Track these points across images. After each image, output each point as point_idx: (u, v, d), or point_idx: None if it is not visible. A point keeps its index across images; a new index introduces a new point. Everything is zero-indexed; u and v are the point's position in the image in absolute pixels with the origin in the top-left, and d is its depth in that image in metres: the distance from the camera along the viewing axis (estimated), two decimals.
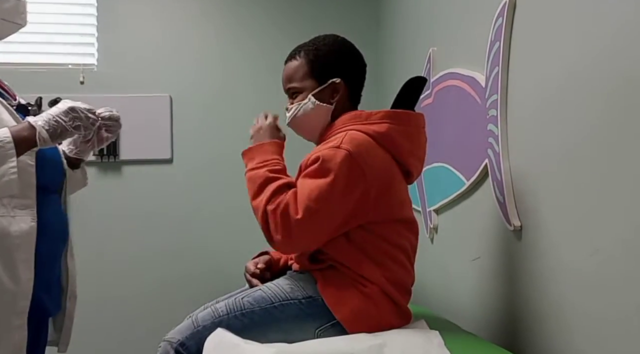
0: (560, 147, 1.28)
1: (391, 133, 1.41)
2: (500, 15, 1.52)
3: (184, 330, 1.37)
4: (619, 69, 1.08)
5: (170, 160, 2.91)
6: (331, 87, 1.50)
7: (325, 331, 1.36)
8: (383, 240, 1.40)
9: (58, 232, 1.56)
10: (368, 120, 1.43)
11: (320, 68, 1.50)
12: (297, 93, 1.53)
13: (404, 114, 1.46)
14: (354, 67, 1.55)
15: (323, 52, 1.52)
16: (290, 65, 1.55)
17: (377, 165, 1.37)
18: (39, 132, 1.32)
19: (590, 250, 1.17)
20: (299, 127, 1.55)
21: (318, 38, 1.56)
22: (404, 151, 1.44)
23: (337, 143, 1.35)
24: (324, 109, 1.50)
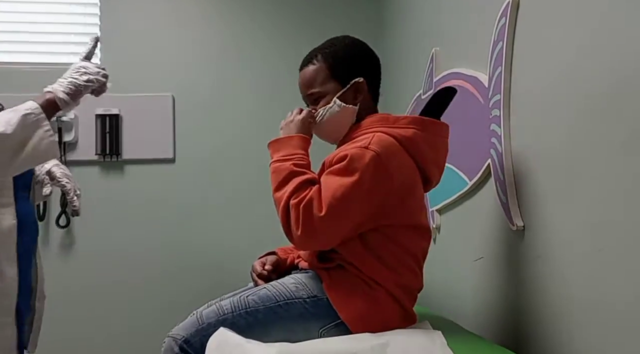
0: (563, 147, 1.28)
1: (416, 139, 1.41)
2: (504, 15, 1.51)
3: (189, 327, 1.37)
4: (622, 69, 1.08)
5: (172, 160, 2.91)
6: (354, 87, 1.49)
7: (329, 331, 1.36)
8: (397, 244, 1.40)
9: (30, 230, 1.56)
10: (395, 124, 1.43)
11: (341, 69, 1.50)
12: (319, 98, 1.51)
13: (431, 122, 1.45)
14: (372, 65, 1.55)
15: (342, 53, 1.51)
16: (308, 70, 1.53)
17: (403, 169, 1.37)
18: (57, 94, 1.37)
19: (593, 250, 1.17)
20: (325, 131, 1.53)
21: (332, 40, 1.56)
22: (426, 158, 1.44)
23: (365, 143, 1.34)
24: (350, 111, 1.49)
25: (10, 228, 1.41)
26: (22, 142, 1.31)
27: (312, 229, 1.30)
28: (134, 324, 2.82)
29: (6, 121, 1.30)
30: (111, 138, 2.82)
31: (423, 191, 1.48)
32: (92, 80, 1.44)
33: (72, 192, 1.67)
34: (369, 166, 1.32)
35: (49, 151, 1.36)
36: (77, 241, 2.83)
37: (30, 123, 1.32)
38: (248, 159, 2.95)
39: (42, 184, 1.64)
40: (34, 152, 1.32)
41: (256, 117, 2.96)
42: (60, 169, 1.68)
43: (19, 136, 1.30)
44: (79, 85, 1.41)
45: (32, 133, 1.32)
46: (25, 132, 1.31)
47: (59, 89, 1.39)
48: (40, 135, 1.33)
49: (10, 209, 1.43)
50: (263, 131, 2.96)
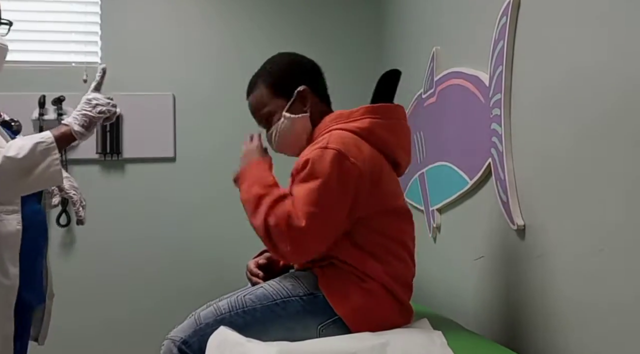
0: (564, 146, 1.28)
1: (373, 127, 1.44)
2: (505, 14, 1.51)
3: (187, 328, 1.38)
4: (623, 68, 1.08)
5: (173, 158, 2.91)
6: (299, 96, 1.53)
7: (327, 327, 1.37)
8: (381, 234, 1.41)
9: (39, 230, 1.65)
10: (350, 118, 1.46)
11: (281, 85, 1.54)
12: (269, 117, 1.56)
13: (384, 108, 1.48)
14: (309, 71, 1.59)
15: (276, 70, 1.57)
16: (252, 96, 1.59)
17: (366, 159, 1.39)
18: (72, 127, 1.51)
19: (594, 250, 1.16)
20: (286, 146, 1.58)
21: (265, 63, 1.62)
22: (388, 143, 1.46)
23: (323, 144, 1.37)
24: (302, 120, 1.53)
25: (15, 233, 1.51)
26: (31, 167, 1.43)
27: (299, 241, 1.31)
28: (135, 322, 2.82)
29: (20, 146, 1.43)
30: (112, 137, 2.81)
31: (394, 176, 1.50)
32: (104, 111, 1.56)
33: (78, 203, 1.79)
34: (333, 164, 1.33)
35: (54, 178, 1.48)
36: (78, 240, 2.83)
37: (40, 150, 1.45)
38: None
39: (52, 195, 1.76)
40: (40, 177, 1.45)
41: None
42: (68, 182, 1.79)
43: (28, 161, 1.43)
44: (93, 117, 1.54)
45: (42, 160, 1.45)
46: (35, 158, 1.44)
47: (74, 123, 1.52)
48: (48, 162, 1.45)
49: (16, 216, 1.52)
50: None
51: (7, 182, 1.43)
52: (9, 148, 1.43)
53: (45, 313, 1.73)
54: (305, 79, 1.55)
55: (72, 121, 1.53)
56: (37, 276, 1.65)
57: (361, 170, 1.36)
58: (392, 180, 1.47)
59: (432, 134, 2.12)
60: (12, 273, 1.50)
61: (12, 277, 1.50)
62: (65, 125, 1.53)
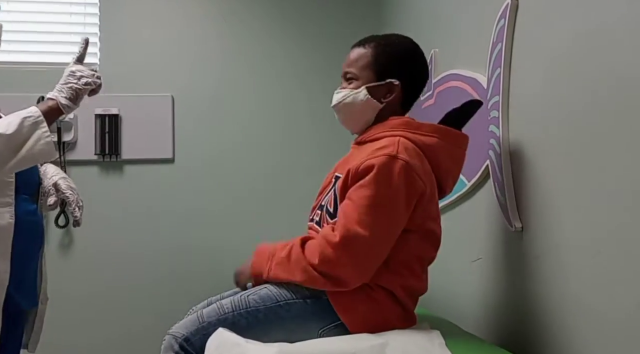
0: (561, 148, 1.29)
1: (437, 148, 1.42)
2: (503, 17, 1.52)
3: (189, 325, 1.37)
4: (621, 71, 1.09)
5: (172, 160, 2.91)
6: (387, 86, 1.49)
7: (329, 331, 1.36)
8: (408, 250, 1.40)
9: (33, 231, 1.61)
10: (418, 130, 1.43)
11: (383, 64, 1.49)
12: (352, 79, 1.52)
13: (453, 133, 1.47)
14: (417, 75, 1.54)
15: (392, 50, 1.51)
16: (356, 50, 1.54)
17: (427, 175, 1.39)
18: (59, 100, 1.47)
19: (592, 251, 1.17)
20: (343, 113, 1.54)
21: (393, 35, 1.56)
22: (444, 167, 1.45)
23: (391, 151, 1.34)
24: (372, 105, 1.49)
25: (6, 227, 1.47)
26: (21, 142, 1.40)
27: (360, 256, 1.30)
28: (133, 324, 2.81)
29: (7, 123, 1.39)
30: (110, 138, 2.81)
31: (437, 200, 1.49)
32: (90, 83, 1.51)
33: (75, 204, 1.74)
34: (400, 176, 1.32)
35: (46, 151, 1.44)
36: (76, 241, 2.83)
37: (28, 125, 1.41)
38: (247, 159, 2.95)
39: (48, 195, 1.72)
40: (31, 151, 1.41)
41: (256, 117, 2.96)
42: (66, 182, 1.75)
43: (17, 136, 1.39)
44: (79, 89, 1.49)
45: (30, 134, 1.41)
46: (24, 133, 1.40)
47: (61, 96, 1.47)
48: (38, 135, 1.42)
49: (9, 209, 1.48)
50: (263, 131, 2.98)
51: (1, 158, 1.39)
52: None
53: (37, 318, 1.68)
54: (406, 78, 1.51)
55: (57, 95, 1.48)
56: (28, 277, 1.61)
57: (425, 186, 1.36)
58: (437, 204, 1.47)
59: None
60: (2, 268, 1.46)
61: (0, 272, 1.46)
62: (51, 99, 1.48)
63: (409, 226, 1.38)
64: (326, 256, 1.30)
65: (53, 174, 1.74)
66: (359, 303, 1.36)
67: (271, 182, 2.94)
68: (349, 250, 1.30)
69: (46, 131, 1.43)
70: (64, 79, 1.51)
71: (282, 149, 2.92)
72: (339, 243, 1.29)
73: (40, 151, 1.42)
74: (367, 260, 1.32)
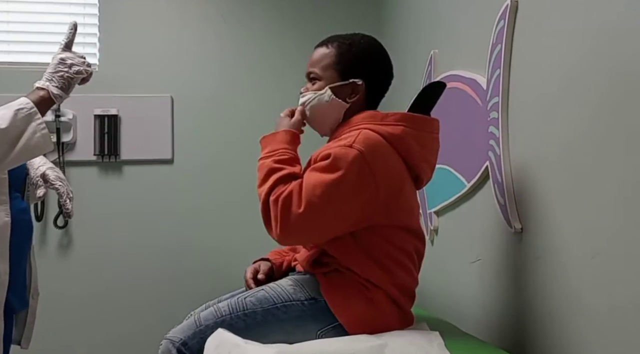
0: (561, 149, 1.28)
1: (405, 136, 1.39)
2: (502, 18, 1.52)
3: (186, 329, 1.36)
4: (621, 73, 1.09)
5: (171, 160, 2.91)
6: (351, 86, 1.48)
7: (327, 333, 1.36)
8: (390, 244, 1.39)
9: (24, 229, 1.58)
10: (383, 121, 1.41)
11: (346, 63, 1.48)
12: (315, 79, 1.51)
13: (420, 119, 1.44)
14: (381, 74, 1.53)
15: (355, 49, 1.49)
16: (319, 50, 1.52)
17: (389, 168, 1.36)
18: (50, 90, 1.40)
19: (591, 252, 1.17)
20: (311, 115, 1.53)
21: (356, 35, 1.54)
22: (416, 155, 1.42)
23: (349, 142, 1.33)
24: (337, 105, 1.48)
25: (3, 226, 1.44)
26: (17, 136, 1.34)
27: (290, 225, 1.30)
28: (131, 325, 2.81)
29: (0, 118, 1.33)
30: (110, 139, 2.81)
31: (414, 190, 1.47)
32: (81, 71, 1.46)
33: (65, 196, 1.70)
34: (353, 165, 1.30)
35: (43, 144, 1.39)
36: (75, 242, 2.83)
37: (22, 117, 1.35)
38: (247, 160, 2.92)
39: (36, 186, 1.66)
40: (28, 144, 1.36)
41: (255, 118, 2.95)
42: (54, 173, 1.70)
43: (13, 130, 1.34)
44: (70, 78, 1.44)
45: (25, 127, 1.35)
46: (18, 126, 1.34)
47: (52, 85, 1.41)
48: (34, 128, 1.36)
49: (4, 207, 1.45)
50: (262, 132, 2.95)
51: None
52: None
53: (29, 313, 1.65)
54: (370, 77, 1.49)
55: (48, 84, 1.41)
56: (20, 277, 1.59)
57: (378, 180, 1.33)
58: (410, 196, 1.44)
59: None
60: (2, 269, 1.45)
61: (1, 274, 1.44)
62: (42, 88, 1.41)
63: (385, 220, 1.37)
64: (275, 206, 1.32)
65: (40, 164, 1.69)
66: (356, 304, 1.36)
67: None
68: (283, 219, 1.31)
69: (41, 122, 1.38)
70: (54, 67, 1.44)
71: None
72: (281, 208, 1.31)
73: (36, 143, 1.37)
74: (291, 232, 1.32)
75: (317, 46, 1.54)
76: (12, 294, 1.51)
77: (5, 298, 1.48)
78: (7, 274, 1.45)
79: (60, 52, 1.47)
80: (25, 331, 1.66)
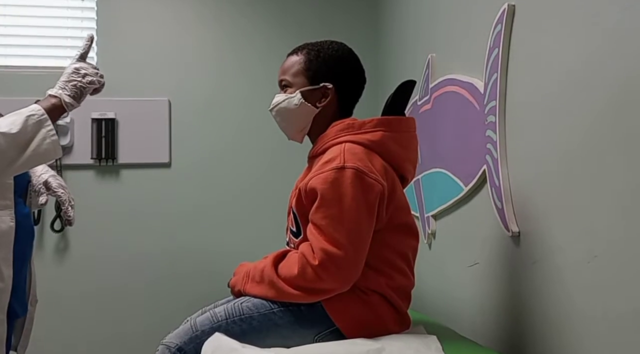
0: (558, 153, 1.29)
1: (385, 140, 1.42)
2: (500, 22, 1.52)
3: (183, 334, 1.36)
4: (618, 76, 1.09)
5: (168, 164, 2.91)
6: (321, 90, 1.50)
7: (324, 337, 1.36)
8: (386, 247, 1.40)
9: (27, 234, 1.59)
10: (361, 129, 1.43)
11: (315, 69, 1.51)
12: (287, 86, 1.54)
13: (396, 120, 1.46)
14: (350, 78, 1.54)
15: (324, 55, 1.52)
16: (289, 58, 1.56)
17: (380, 173, 1.37)
18: (63, 98, 1.42)
19: (588, 256, 1.17)
20: (279, 117, 1.56)
21: (325, 41, 1.56)
22: (398, 157, 1.44)
23: (339, 163, 1.34)
24: (307, 110, 1.50)
25: (8, 230, 1.45)
26: (26, 141, 1.36)
27: (342, 272, 1.30)
28: (129, 329, 2.80)
29: (10, 122, 1.35)
30: (107, 142, 2.81)
31: (402, 189, 1.48)
32: (94, 82, 1.48)
33: (67, 203, 1.71)
34: (355, 184, 1.31)
35: (52, 150, 1.40)
36: (72, 245, 2.82)
37: (33, 123, 1.37)
38: (244, 163, 2.95)
39: (38, 193, 1.67)
40: (37, 150, 1.37)
41: (252, 121, 2.96)
42: (56, 180, 1.71)
43: (23, 135, 1.35)
44: (83, 87, 1.46)
45: (36, 133, 1.37)
46: (28, 132, 1.36)
47: (65, 93, 1.43)
48: (43, 134, 1.38)
49: (9, 212, 1.46)
50: (259, 135, 2.98)
51: (4, 159, 1.35)
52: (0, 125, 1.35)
53: (27, 320, 1.65)
54: (340, 81, 1.51)
55: (61, 92, 1.44)
56: (22, 283, 1.59)
57: (383, 185, 1.35)
58: (400, 194, 1.45)
59: (427, 140, 2.13)
60: (6, 274, 1.45)
61: (5, 278, 1.45)
62: (54, 96, 1.43)
63: (378, 225, 1.38)
64: (307, 274, 1.30)
65: (42, 171, 1.70)
66: (353, 308, 1.35)
67: (268, 186, 2.94)
68: (329, 271, 1.29)
69: (51, 129, 1.39)
70: (67, 76, 1.46)
71: (279, 152, 2.91)
72: (318, 266, 1.29)
73: (45, 150, 1.38)
74: (347, 272, 1.31)
75: (288, 55, 1.58)
76: (14, 300, 1.51)
77: (10, 305, 1.48)
78: (10, 279, 1.45)
79: (75, 62, 1.50)
80: (22, 337, 1.66)
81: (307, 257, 1.30)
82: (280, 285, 1.34)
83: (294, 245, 1.45)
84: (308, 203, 1.38)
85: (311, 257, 1.30)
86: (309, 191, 1.36)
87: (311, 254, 1.30)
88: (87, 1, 2.90)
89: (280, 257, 1.40)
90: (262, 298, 1.38)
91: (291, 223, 1.48)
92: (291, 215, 1.47)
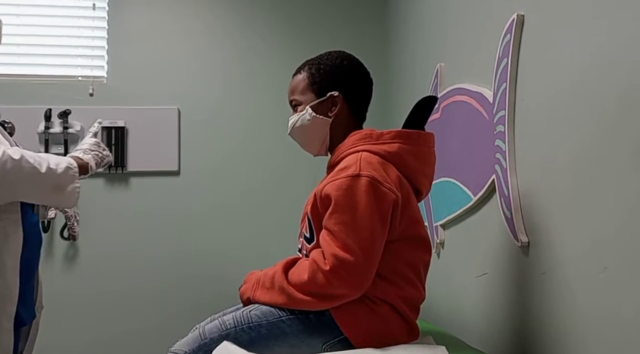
0: (568, 163, 1.28)
1: (402, 153, 1.43)
2: (509, 32, 1.52)
3: (191, 342, 1.37)
4: (628, 85, 1.09)
5: (177, 172, 2.92)
6: (330, 100, 1.53)
7: (333, 346, 1.36)
8: (398, 259, 1.40)
9: (35, 243, 1.63)
10: (379, 140, 1.44)
11: (319, 81, 1.54)
12: (297, 105, 1.57)
13: (414, 134, 1.46)
14: (355, 82, 1.56)
15: (325, 67, 1.55)
16: (294, 78, 1.60)
17: (395, 184, 1.38)
18: (91, 164, 1.65)
19: (598, 268, 1.16)
20: (298, 137, 1.60)
21: (324, 54, 1.59)
22: (414, 170, 1.45)
23: (354, 171, 1.35)
24: (321, 122, 1.53)
25: (16, 240, 1.49)
26: (63, 186, 1.54)
27: (355, 278, 1.30)
28: (138, 336, 2.80)
29: (56, 163, 1.53)
30: (117, 150, 2.83)
31: (416, 202, 1.48)
32: (110, 159, 1.74)
33: (73, 218, 1.83)
34: (368, 193, 1.32)
35: (71, 201, 1.58)
36: (81, 253, 2.83)
37: (71, 174, 1.57)
38: (252, 172, 2.96)
39: (47, 208, 1.77)
40: (64, 196, 1.55)
41: (261, 130, 2.97)
42: None
43: (62, 179, 1.53)
44: (103, 159, 1.71)
45: (70, 183, 1.56)
46: (67, 179, 1.55)
47: (92, 160, 1.66)
48: (74, 187, 1.57)
49: (17, 222, 1.50)
50: (268, 144, 2.99)
51: (42, 190, 1.50)
52: (45, 160, 1.49)
53: (33, 326, 1.68)
54: (345, 87, 1.53)
55: (89, 158, 1.65)
56: (30, 290, 1.62)
57: (397, 195, 1.36)
58: (415, 207, 1.46)
59: (436, 150, 2.13)
60: (13, 282, 1.48)
61: (12, 287, 1.48)
62: (82, 159, 1.63)
63: (391, 236, 1.38)
64: (318, 280, 1.30)
65: None
66: (362, 317, 1.35)
67: (276, 194, 2.94)
68: (340, 276, 1.29)
69: (79, 186, 1.58)
70: (91, 146, 1.69)
71: (288, 160, 2.92)
72: (329, 271, 1.29)
73: (68, 199, 1.56)
74: (358, 278, 1.31)
75: (292, 75, 1.61)
76: (22, 308, 1.53)
77: (17, 313, 1.50)
78: (17, 287, 1.49)
79: (91, 138, 1.73)
80: (27, 344, 1.67)
81: (318, 263, 1.31)
82: (291, 291, 1.34)
83: (307, 251, 1.45)
84: (322, 209, 1.39)
85: (322, 262, 1.30)
86: (323, 197, 1.37)
87: (322, 260, 1.31)
88: (99, 11, 2.93)
89: (291, 264, 1.41)
90: (272, 305, 1.38)
91: (305, 229, 1.48)
92: (306, 221, 1.48)
